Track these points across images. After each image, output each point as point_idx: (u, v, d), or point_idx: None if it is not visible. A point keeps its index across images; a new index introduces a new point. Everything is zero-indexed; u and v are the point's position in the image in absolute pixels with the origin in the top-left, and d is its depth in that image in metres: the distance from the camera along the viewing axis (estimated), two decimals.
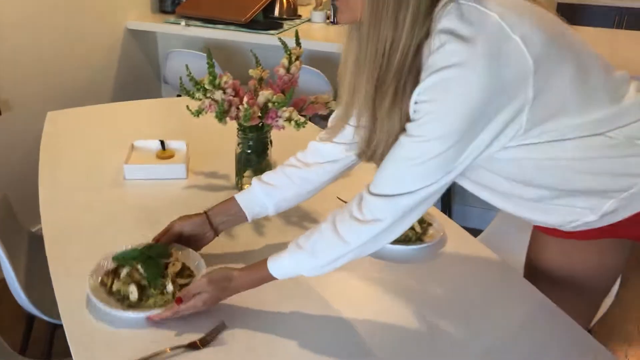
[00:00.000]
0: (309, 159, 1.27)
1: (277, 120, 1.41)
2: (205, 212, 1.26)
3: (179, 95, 2.62)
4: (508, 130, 0.94)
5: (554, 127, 0.96)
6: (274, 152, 1.55)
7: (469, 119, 0.91)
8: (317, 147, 1.27)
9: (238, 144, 1.53)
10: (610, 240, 1.15)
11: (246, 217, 1.26)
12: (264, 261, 1.09)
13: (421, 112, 0.94)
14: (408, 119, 0.98)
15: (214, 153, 1.74)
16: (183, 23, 2.94)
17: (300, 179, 1.26)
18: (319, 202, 1.47)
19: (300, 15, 3.16)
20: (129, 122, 2.04)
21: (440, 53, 0.89)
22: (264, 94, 1.39)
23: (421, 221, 1.38)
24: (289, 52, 1.52)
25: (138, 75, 3.27)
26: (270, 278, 1.09)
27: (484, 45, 0.86)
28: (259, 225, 1.40)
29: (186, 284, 1.10)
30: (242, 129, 1.49)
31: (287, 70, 1.50)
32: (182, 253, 1.19)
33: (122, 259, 1.11)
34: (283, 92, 1.51)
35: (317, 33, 2.92)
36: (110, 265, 1.13)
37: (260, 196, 1.26)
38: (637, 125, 1.01)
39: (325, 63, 2.72)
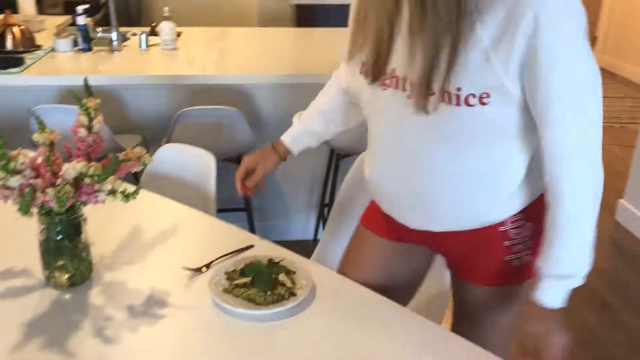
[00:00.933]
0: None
1: (96, 196, 1.14)
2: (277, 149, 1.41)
3: None
4: None
5: None
6: (90, 229, 1.26)
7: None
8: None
9: (41, 230, 1.21)
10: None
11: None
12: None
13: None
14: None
15: None
16: None
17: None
18: (163, 278, 1.27)
19: (40, 46, 2.71)
20: None
21: None
22: (75, 167, 1.10)
23: (288, 272, 1.25)
24: (85, 106, 1.24)
25: None
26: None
27: None
28: (101, 327, 1.12)
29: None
30: (46, 212, 1.17)
31: (89, 129, 1.23)
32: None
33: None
34: (89, 157, 1.23)
35: (68, 64, 2.54)
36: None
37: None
38: None
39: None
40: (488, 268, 1.20)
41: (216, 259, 1.32)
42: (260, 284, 1.19)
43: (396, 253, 1.32)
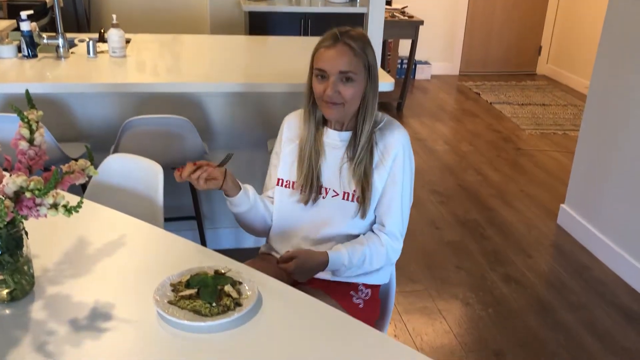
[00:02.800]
0: None
1: (37, 210, 1.13)
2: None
3: None
4: None
5: None
6: (33, 241, 1.25)
7: None
8: None
9: None
10: None
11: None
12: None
13: None
14: None
15: None
16: None
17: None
18: (109, 291, 1.26)
19: None
20: None
21: None
22: (15, 182, 1.09)
23: (233, 283, 1.26)
24: (26, 119, 1.22)
25: None
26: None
27: None
28: (42, 342, 1.11)
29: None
30: None
31: (30, 142, 1.22)
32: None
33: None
34: (30, 170, 1.22)
35: (12, 71, 2.48)
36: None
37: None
38: None
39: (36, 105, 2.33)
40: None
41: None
42: (205, 295, 1.21)
43: None
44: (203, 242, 2.79)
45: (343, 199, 1.60)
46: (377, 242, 1.59)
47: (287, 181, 1.67)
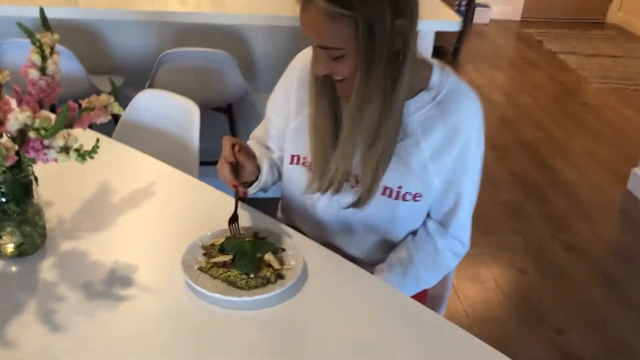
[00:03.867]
0: None
1: (45, 153, 0.94)
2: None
3: None
4: None
5: None
6: (42, 190, 1.07)
7: None
8: None
9: None
10: None
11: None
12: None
13: None
14: None
15: None
16: None
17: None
18: (131, 250, 1.08)
19: None
20: None
21: None
22: (19, 117, 0.90)
23: (275, 250, 1.07)
24: (37, 43, 1.02)
25: None
26: None
27: None
28: (49, 311, 0.94)
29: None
30: None
31: (42, 71, 1.02)
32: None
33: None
34: (41, 104, 1.02)
35: None
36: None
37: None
38: None
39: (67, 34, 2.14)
40: None
41: None
42: (242, 265, 1.01)
43: None
44: None
45: (383, 194, 1.17)
46: (432, 250, 1.23)
47: (304, 158, 1.23)
